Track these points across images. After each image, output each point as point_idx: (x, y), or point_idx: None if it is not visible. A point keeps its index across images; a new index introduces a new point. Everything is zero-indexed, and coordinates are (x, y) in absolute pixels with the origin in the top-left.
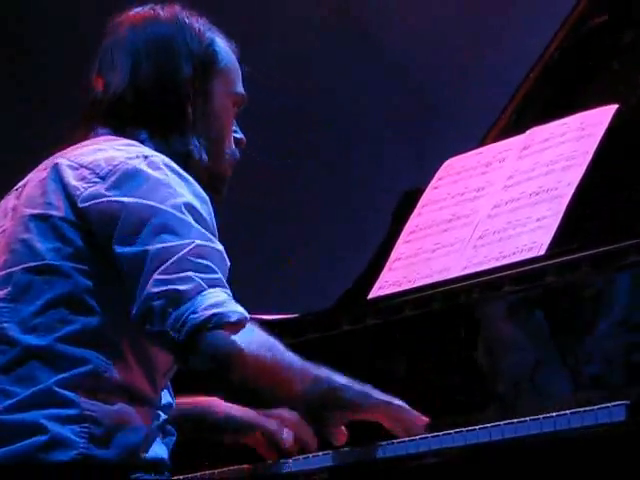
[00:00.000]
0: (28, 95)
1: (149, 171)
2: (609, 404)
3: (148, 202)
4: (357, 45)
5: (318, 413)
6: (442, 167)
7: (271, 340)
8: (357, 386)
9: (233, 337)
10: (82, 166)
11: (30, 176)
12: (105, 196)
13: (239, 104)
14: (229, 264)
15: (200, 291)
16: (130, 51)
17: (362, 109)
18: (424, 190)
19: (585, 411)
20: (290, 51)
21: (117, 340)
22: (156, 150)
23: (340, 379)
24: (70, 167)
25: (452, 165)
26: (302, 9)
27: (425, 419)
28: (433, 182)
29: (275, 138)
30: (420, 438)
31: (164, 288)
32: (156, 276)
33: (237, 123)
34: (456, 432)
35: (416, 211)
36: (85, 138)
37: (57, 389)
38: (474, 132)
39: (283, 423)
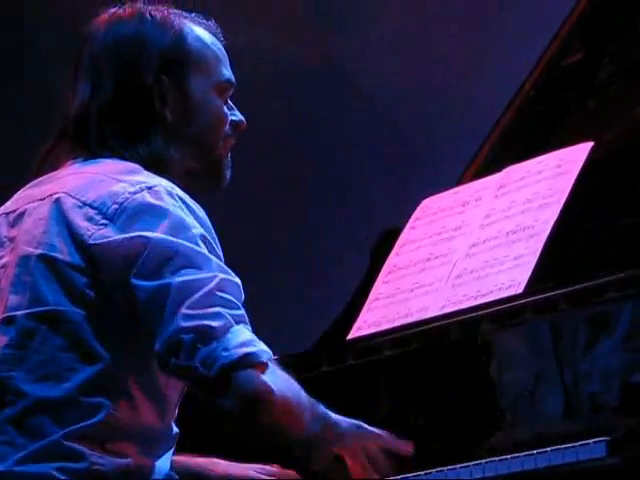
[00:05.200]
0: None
1: (156, 202)
2: (590, 440)
3: (167, 237)
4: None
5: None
6: (419, 207)
7: (291, 379)
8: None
9: (264, 378)
10: (86, 204)
11: (25, 206)
12: (119, 235)
13: (227, 90)
14: (243, 296)
15: (229, 328)
16: (89, 65)
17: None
18: (402, 229)
19: (566, 448)
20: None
21: (126, 382)
22: (144, 166)
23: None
24: (74, 205)
25: (429, 205)
26: (289, 57)
27: (409, 448)
28: (410, 222)
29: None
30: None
31: (195, 323)
32: (185, 310)
33: (234, 106)
34: (437, 471)
35: (394, 251)
36: (67, 160)
37: (66, 442)
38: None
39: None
